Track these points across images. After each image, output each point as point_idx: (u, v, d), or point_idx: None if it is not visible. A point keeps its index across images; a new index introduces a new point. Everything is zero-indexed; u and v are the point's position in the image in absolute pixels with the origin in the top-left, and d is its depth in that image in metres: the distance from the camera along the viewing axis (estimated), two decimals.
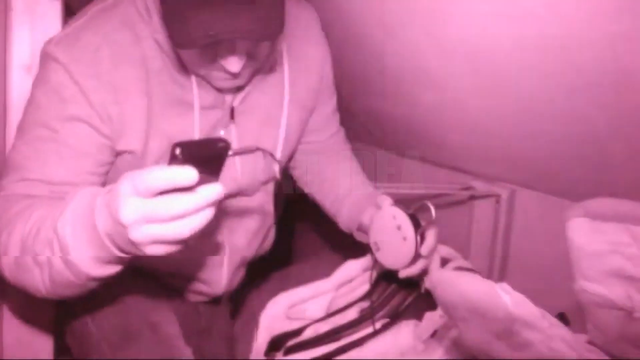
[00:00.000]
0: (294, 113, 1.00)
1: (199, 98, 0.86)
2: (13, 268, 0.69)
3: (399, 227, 0.87)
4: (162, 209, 0.53)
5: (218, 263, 1.03)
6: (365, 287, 1.25)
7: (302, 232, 2.69)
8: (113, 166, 0.85)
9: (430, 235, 0.88)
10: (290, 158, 1.10)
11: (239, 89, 0.91)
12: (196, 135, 0.85)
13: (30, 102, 0.81)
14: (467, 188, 1.46)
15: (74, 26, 0.82)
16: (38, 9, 0.99)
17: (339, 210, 1.09)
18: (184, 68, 0.84)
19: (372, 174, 2.04)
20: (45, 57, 0.80)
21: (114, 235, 0.58)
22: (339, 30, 1.31)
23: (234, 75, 0.80)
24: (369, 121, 1.80)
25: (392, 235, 0.88)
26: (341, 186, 1.06)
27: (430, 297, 1.03)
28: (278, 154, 0.98)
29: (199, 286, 1.05)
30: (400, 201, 1.35)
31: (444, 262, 1.04)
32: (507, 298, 0.55)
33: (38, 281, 0.67)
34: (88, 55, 0.79)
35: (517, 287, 1.00)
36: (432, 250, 0.88)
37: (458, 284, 0.58)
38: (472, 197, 1.45)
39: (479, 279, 0.59)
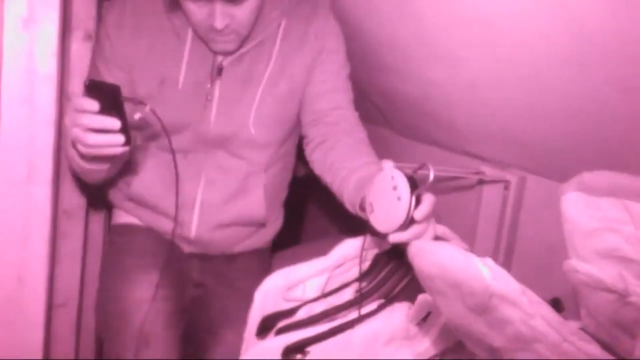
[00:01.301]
0: (280, 83, 1.13)
1: (189, 51, 1.10)
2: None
3: (395, 188, 0.82)
4: (74, 118, 0.87)
5: (189, 207, 1.17)
6: (363, 266, 1.22)
7: (313, 216, 2.67)
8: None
9: (427, 200, 0.83)
10: (272, 127, 1.17)
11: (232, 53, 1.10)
12: (182, 76, 1.10)
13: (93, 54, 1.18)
14: (477, 173, 1.41)
15: None
16: None
17: (345, 189, 1.06)
18: (184, 26, 1.09)
19: (383, 156, 2.02)
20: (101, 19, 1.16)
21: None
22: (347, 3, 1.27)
23: (220, 33, 1.00)
24: (381, 102, 1.76)
25: (388, 196, 0.83)
26: (349, 167, 1.05)
27: None
28: (251, 117, 1.12)
29: (169, 225, 1.17)
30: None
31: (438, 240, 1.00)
32: (485, 270, 0.50)
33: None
34: (117, 12, 1.12)
35: (523, 273, 0.96)
36: (427, 216, 0.83)
37: (436, 253, 0.54)
38: (481, 182, 1.40)
39: (458, 250, 0.55)
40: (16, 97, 1.02)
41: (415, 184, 0.82)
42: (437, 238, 0.91)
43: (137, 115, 0.95)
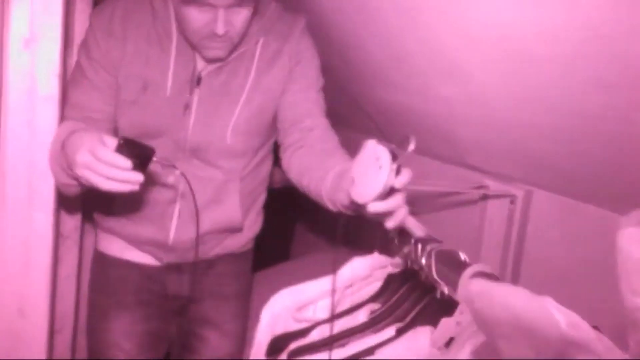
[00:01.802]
0: (256, 96, 1.18)
1: (174, 59, 1.13)
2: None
3: (377, 159, 0.86)
4: (95, 167, 0.88)
5: (168, 215, 1.22)
6: (374, 287, 1.20)
7: (301, 232, 2.65)
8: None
9: (406, 172, 0.88)
10: (247, 136, 1.21)
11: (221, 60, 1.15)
12: (167, 83, 1.13)
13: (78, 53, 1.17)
14: (480, 187, 1.41)
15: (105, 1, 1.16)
16: None
17: (323, 187, 1.08)
18: (169, 35, 1.13)
19: None
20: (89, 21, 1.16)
21: (68, 160, 0.94)
22: (351, 15, 1.25)
23: (221, 39, 1.05)
24: (377, 114, 1.74)
25: (370, 167, 0.87)
26: (324, 167, 1.08)
27: (445, 301, 0.98)
28: (229, 128, 1.17)
29: (152, 233, 1.23)
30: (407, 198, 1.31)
31: (423, 242, 0.99)
32: (560, 317, 0.49)
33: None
34: (106, 17, 1.13)
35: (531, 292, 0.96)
36: (405, 185, 0.88)
37: (505, 296, 0.52)
38: (485, 196, 1.40)
39: (524, 292, 0.53)
40: (18, 119, 0.98)
41: (395, 157, 0.85)
42: (403, 232, 0.93)
43: (170, 179, 1.06)
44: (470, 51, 1.03)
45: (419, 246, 1.11)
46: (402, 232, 1.19)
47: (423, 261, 1.07)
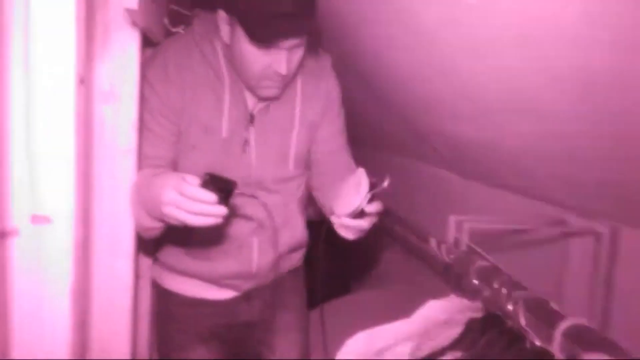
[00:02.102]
0: (302, 129, 1.28)
1: (229, 101, 1.19)
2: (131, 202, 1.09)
3: (358, 184, 1.05)
4: (182, 203, 0.90)
5: (248, 246, 1.28)
6: (453, 332, 1.16)
7: (359, 263, 2.61)
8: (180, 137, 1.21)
9: (377, 203, 1.07)
10: (302, 163, 1.33)
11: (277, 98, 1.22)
12: (224, 125, 1.19)
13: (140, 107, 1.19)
14: (559, 222, 1.33)
15: (154, 51, 1.21)
16: (117, 36, 0.96)
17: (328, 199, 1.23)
18: (221, 78, 1.19)
19: (444, 201, 1.97)
20: (143, 73, 1.15)
21: (154, 201, 0.96)
22: (420, 56, 1.23)
23: (280, 78, 1.12)
24: (442, 144, 1.70)
25: (351, 188, 1.07)
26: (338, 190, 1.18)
27: (536, 352, 0.93)
28: (291, 158, 1.28)
29: (235, 266, 1.29)
30: (480, 236, 1.26)
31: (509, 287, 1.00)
32: None
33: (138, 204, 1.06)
34: (160, 68, 1.16)
35: (624, 336, 0.88)
36: (373, 213, 1.07)
37: None
38: (566, 234, 1.32)
39: None
40: (99, 169, 1.00)
41: (374, 186, 1.04)
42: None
43: (249, 210, 1.10)
44: (553, 90, 0.98)
45: (504, 291, 1.06)
46: (482, 275, 1.15)
47: (509, 308, 1.02)
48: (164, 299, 1.37)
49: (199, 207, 0.90)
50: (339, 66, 1.46)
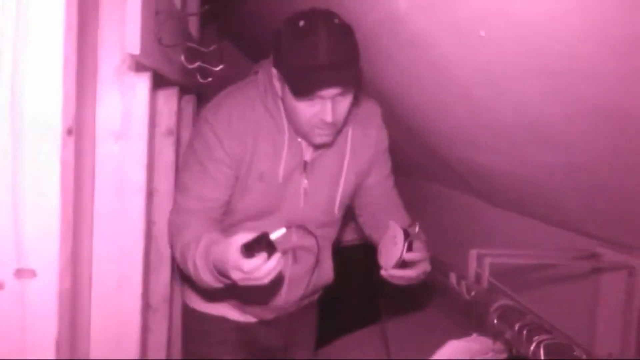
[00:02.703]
0: (350, 176, 1.35)
1: (287, 149, 1.26)
2: (180, 260, 1.24)
3: (394, 236, 1.15)
4: (249, 278, 1.03)
5: (279, 281, 1.33)
6: None
7: (390, 290, 2.55)
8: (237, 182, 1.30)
9: (417, 251, 1.16)
10: (344, 208, 1.41)
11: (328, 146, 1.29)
12: (281, 172, 1.27)
13: (189, 147, 1.30)
14: (590, 255, 1.26)
15: (217, 99, 1.29)
16: (125, 79, 0.97)
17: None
18: (281, 130, 1.26)
19: (469, 227, 1.90)
20: (201, 118, 1.28)
21: (222, 272, 1.10)
22: (441, 87, 1.21)
23: (329, 126, 1.17)
24: (469, 174, 1.65)
25: (388, 242, 1.17)
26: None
27: None
28: (337, 204, 1.35)
29: (264, 298, 1.38)
30: (504, 270, 1.21)
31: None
32: None
33: (190, 271, 1.19)
34: (225, 118, 1.24)
35: None
36: (416, 261, 1.16)
37: None
38: (598, 269, 1.25)
39: None
40: (107, 208, 1.01)
41: (408, 235, 1.13)
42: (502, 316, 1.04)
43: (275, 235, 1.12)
44: (571, 122, 0.93)
45: (525, 334, 1.00)
46: (503, 315, 1.09)
47: (530, 352, 0.96)
48: (190, 316, 1.47)
49: (262, 274, 1.03)
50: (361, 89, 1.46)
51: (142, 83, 1.00)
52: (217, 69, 1.43)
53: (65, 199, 0.64)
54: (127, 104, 1.00)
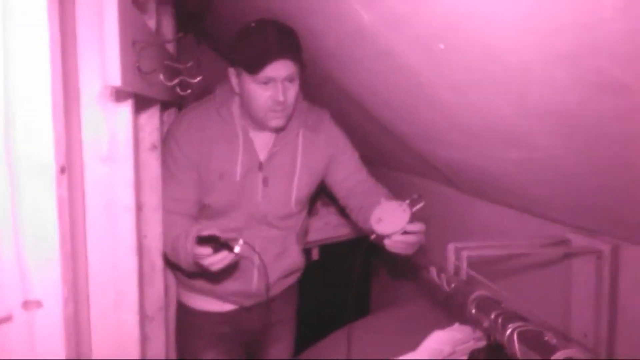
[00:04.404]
0: (304, 173, 1.54)
1: (242, 153, 1.47)
2: (171, 253, 1.42)
3: (400, 205, 1.25)
4: (208, 266, 1.27)
5: (250, 270, 1.56)
6: None
7: (379, 281, 2.62)
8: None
9: (419, 223, 1.27)
10: (302, 203, 1.59)
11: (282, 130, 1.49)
12: (238, 170, 1.47)
13: (163, 159, 1.43)
14: (561, 242, 1.33)
15: (181, 114, 1.54)
16: (109, 106, 1.01)
17: (367, 219, 1.37)
18: (235, 135, 1.47)
19: (448, 217, 1.97)
20: (167, 131, 1.52)
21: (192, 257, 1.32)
22: (411, 93, 1.26)
23: (281, 107, 1.37)
24: (444, 167, 1.72)
25: (394, 208, 1.25)
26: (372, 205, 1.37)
27: None
28: (293, 199, 1.53)
29: (239, 286, 1.57)
30: (481, 262, 1.27)
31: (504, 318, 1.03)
32: None
33: (180, 260, 1.38)
34: (185, 129, 1.46)
35: (631, 351, 0.87)
36: (420, 229, 1.27)
37: None
38: (568, 255, 1.32)
39: None
40: (99, 228, 1.05)
41: (414, 204, 1.24)
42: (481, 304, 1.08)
43: (236, 250, 1.25)
44: (529, 123, 0.99)
45: (500, 322, 1.06)
46: (480, 305, 1.16)
47: (505, 339, 1.03)
48: (182, 312, 1.67)
49: (210, 261, 1.25)
50: (342, 98, 1.68)
51: (125, 108, 1.04)
52: (195, 80, 1.47)
53: (63, 230, 0.68)
54: (112, 128, 1.03)
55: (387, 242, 1.26)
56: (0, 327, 0.66)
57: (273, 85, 1.35)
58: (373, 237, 1.28)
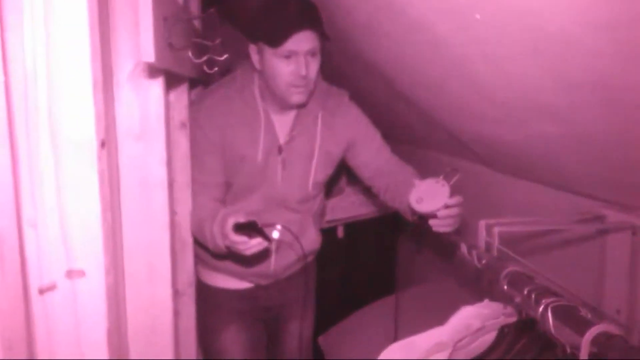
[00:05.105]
0: (321, 159, 1.54)
1: (263, 136, 1.46)
2: (197, 231, 1.42)
3: (437, 181, 1.22)
4: (242, 250, 1.26)
5: (269, 252, 1.55)
6: (487, 337, 1.16)
7: (405, 258, 2.61)
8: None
9: (457, 196, 1.24)
10: (319, 186, 1.61)
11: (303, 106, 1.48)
12: (259, 154, 1.47)
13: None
14: (596, 218, 1.31)
15: (202, 97, 1.53)
16: (142, 84, 1.02)
17: (402, 201, 1.41)
18: (257, 118, 1.47)
19: (480, 196, 1.95)
20: (191, 117, 1.46)
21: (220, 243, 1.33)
22: (441, 65, 1.25)
23: (303, 82, 1.36)
24: (472, 141, 1.69)
25: (431, 185, 1.23)
26: (404, 190, 1.37)
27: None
28: (310, 182, 1.54)
29: (258, 267, 1.57)
30: (513, 238, 1.26)
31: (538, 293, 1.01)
32: None
33: (207, 239, 1.37)
34: (207, 114, 1.45)
35: None
36: (456, 204, 1.24)
37: None
38: (603, 230, 1.30)
39: None
40: (134, 204, 1.07)
41: (450, 178, 1.22)
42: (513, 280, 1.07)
43: (275, 235, 1.30)
44: (567, 95, 0.97)
45: (533, 297, 1.05)
46: (512, 281, 1.15)
47: (539, 314, 1.02)
48: (202, 290, 1.64)
49: (245, 247, 1.25)
50: (369, 76, 1.63)
51: (157, 85, 1.05)
52: (222, 58, 1.47)
53: (104, 203, 0.70)
54: (144, 106, 1.05)
55: (432, 222, 1.24)
56: (45, 296, 0.68)
57: (295, 60, 1.34)
58: (414, 219, 1.26)
